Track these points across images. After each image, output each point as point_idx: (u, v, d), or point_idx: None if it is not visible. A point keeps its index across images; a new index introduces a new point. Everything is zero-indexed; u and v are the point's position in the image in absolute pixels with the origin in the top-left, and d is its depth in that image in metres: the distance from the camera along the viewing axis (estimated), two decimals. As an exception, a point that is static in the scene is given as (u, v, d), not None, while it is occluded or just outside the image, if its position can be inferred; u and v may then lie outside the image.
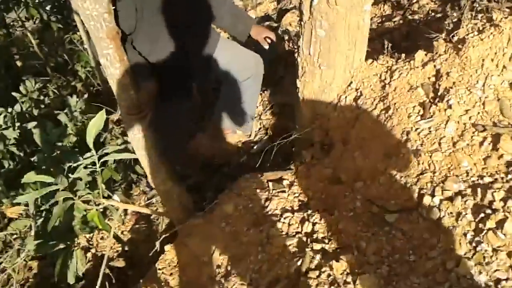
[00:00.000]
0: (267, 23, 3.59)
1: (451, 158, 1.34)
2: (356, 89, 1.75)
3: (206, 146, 2.68)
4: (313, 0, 1.59)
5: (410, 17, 2.22)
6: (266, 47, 2.26)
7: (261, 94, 2.72)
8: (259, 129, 2.64)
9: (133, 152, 1.92)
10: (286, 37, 3.14)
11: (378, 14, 2.45)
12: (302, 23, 1.71)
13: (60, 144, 2.72)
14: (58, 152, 2.57)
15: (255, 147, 2.55)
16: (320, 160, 1.78)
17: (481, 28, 1.52)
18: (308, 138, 1.93)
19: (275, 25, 3.22)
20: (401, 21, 2.26)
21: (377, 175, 1.47)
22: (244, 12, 2.31)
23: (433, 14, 2.14)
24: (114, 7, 1.65)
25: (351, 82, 1.77)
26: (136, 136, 1.87)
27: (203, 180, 2.52)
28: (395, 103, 1.58)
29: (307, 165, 1.80)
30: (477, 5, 1.68)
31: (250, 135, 2.62)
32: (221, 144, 2.64)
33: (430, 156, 1.37)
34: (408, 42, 2.10)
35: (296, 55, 1.86)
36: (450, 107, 1.44)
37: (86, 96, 3.81)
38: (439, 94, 1.50)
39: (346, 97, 1.77)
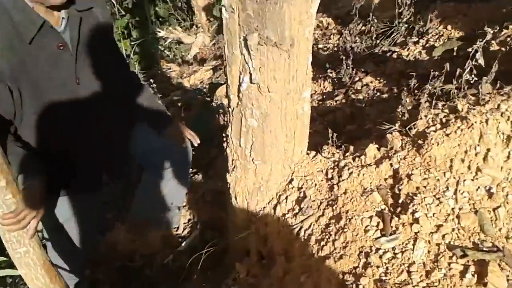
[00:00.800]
0: (199, 96, 3.31)
1: (426, 295, 1.02)
2: (299, 189, 1.44)
3: (124, 242, 2.23)
4: (241, 84, 1.29)
5: (353, 96, 2.00)
6: (186, 145, 1.94)
7: (190, 178, 2.35)
8: (188, 220, 2.24)
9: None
10: (221, 111, 2.85)
11: (318, 91, 2.22)
12: (230, 109, 1.40)
13: None
14: None
15: (183, 244, 2.14)
16: (258, 278, 1.41)
17: (444, 120, 1.27)
18: (243, 245, 1.57)
19: (208, 99, 2.93)
20: (343, 100, 2.03)
21: (331, 314, 1.11)
22: (163, 107, 1.99)
23: (378, 94, 1.93)
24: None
25: (292, 179, 1.46)
26: (17, 252, 1.41)
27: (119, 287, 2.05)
28: (347, 211, 1.26)
29: (242, 285, 1.42)
30: (432, 89, 1.46)
31: (177, 228, 2.21)
32: (142, 239, 2.20)
33: (399, 292, 1.04)
34: (353, 125, 1.86)
35: (224, 145, 1.54)
36: (416, 221, 1.14)
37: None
38: (400, 201, 1.21)
39: (286, 197, 1.44)
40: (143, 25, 4.90)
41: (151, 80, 3.38)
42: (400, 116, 1.42)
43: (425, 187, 1.20)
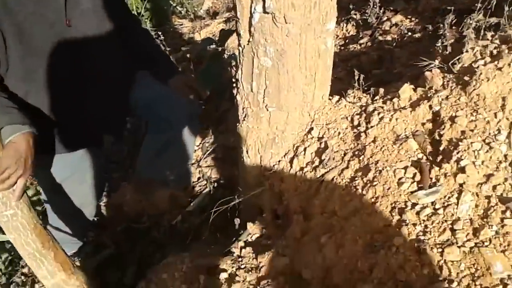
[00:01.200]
0: (212, 46, 3.09)
1: (475, 257, 0.84)
2: (319, 139, 1.25)
3: (131, 203, 2.10)
4: (253, 16, 1.09)
5: (380, 37, 1.77)
6: (193, 97, 1.76)
7: (200, 134, 2.18)
8: (198, 178, 2.09)
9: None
10: (233, 63, 2.64)
11: (340, 35, 1.99)
12: (240, 48, 1.21)
13: None
14: None
15: (192, 203, 1.99)
16: (273, 239, 1.25)
17: (495, 52, 1.06)
18: (256, 203, 1.41)
19: (220, 49, 2.71)
20: (369, 43, 1.80)
21: (358, 279, 0.95)
22: (167, 55, 1.81)
23: (409, 33, 1.69)
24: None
25: (312, 129, 1.27)
26: (4, 215, 1.28)
27: (124, 250, 1.93)
28: (376, 162, 1.08)
29: (254, 247, 1.26)
30: (475, 22, 1.23)
31: (186, 186, 2.06)
32: (149, 200, 2.06)
33: (441, 253, 0.86)
34: (380, 69, 1.64)
35: (234, 91, 1.35)
36: (462, 170, 0.95)
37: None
38: (441, 149, 1.02)
39: (305, 149, 1.26)
40: (154, -21, 4.65)
41: (161, 36, 3.19)
42: (440, 50, 1.20)
43: (472, 130, 1.00)
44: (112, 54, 1.58)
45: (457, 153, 0.97)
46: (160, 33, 3.11)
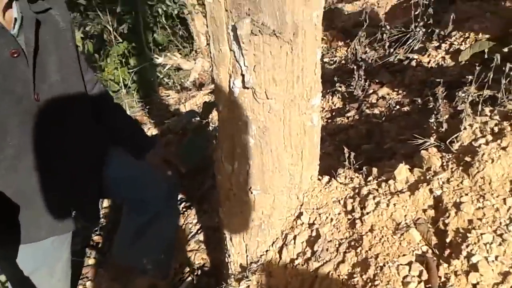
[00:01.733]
0: (197, 119, 3.04)
1: None
2: (310, 225, 1.13)
3: (107, 292, 1.91)
4: (232, 90, 1.01)
5: (368, 111, 1.71)
6: (172, 173, 1.66)
7: (182, 214, 2.04)
8: (180, 265, 1.92)
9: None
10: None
11: (327, 108, 1.94)
12: (220, 125, 1.13)
13: None
14: None
15: (174, 293, 1.81)
16: None
17: (496, 130, 0.97)
18: (242, 299, 1.25)
19: (204, 121, 2.65)
20: (356, 117, 1.74)
21: None
22: (141, 128, 1.73)
23: (397, 107, 1.63)
24: None
25: (301, 213, 1.15)
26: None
27: None
28: (376, 256, 0.95)
29: None
30: (466, 96, 1.16)
31: (167, 274, 1.88)
32: (127, 289, 1.88)
33: None
34: (370, 143, 1.56)
35: (215, 171, 1.25)
36: (474, 268, 0.83)
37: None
38: (448, 241, 0.90)
39: (295, 237, 1.13)
40: (141, 52, 4.72)
41: (146, 108, 3.15)
42: (435, 127, 1.12)
43: (480, 219, 0.89)
44: (83, 130, 1.47)
45: (467, 246, 0.85)
46: (145, 104, 3.06)
